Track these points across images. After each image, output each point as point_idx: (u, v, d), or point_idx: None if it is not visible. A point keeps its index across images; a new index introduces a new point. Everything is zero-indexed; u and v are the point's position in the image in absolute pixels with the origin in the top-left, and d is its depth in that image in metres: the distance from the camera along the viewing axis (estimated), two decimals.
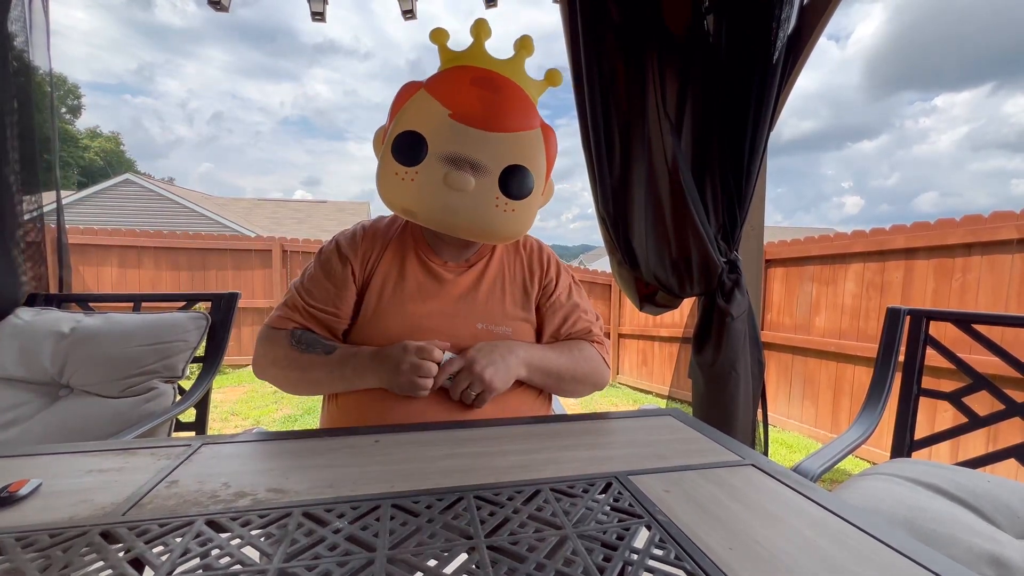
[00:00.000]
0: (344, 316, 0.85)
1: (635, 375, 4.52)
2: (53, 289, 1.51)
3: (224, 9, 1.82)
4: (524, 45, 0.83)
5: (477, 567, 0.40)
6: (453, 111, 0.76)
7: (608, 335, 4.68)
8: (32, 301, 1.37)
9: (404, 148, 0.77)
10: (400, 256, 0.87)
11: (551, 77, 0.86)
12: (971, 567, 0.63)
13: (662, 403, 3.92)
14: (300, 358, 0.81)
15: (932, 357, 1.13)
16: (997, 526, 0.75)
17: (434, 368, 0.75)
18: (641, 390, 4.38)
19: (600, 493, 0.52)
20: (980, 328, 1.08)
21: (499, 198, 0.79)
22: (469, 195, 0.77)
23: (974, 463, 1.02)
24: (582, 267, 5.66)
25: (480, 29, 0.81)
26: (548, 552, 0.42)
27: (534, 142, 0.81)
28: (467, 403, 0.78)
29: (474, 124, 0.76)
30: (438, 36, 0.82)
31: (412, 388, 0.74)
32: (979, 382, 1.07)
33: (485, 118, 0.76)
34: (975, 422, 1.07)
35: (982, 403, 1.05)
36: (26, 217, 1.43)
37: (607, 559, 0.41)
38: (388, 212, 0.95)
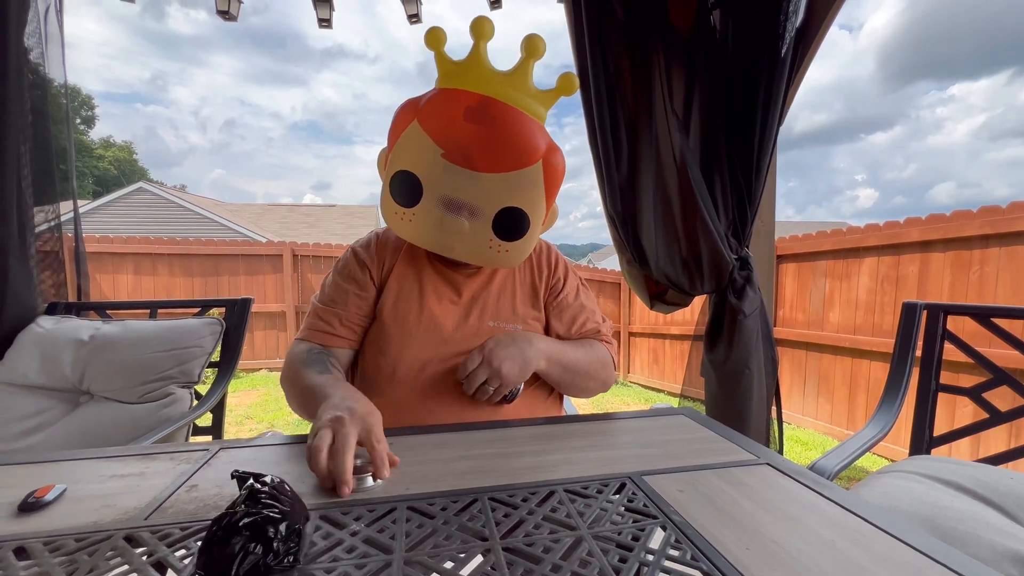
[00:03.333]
0: (367, 318, 0.88)
1: (646, 374, 4.50)
2: (72, 297, 1.54)
3: (232, 18, 1.85)
4: (530, 49, 0.74)
5: (493, 568, 0.40)
6: (445, 151, 0.73)
7: (618, 334, 4.69)
8: (52, 310, 1.40)
9: (401, 189, 0.78)
10: (414, 261, 0.90)
11: (564, 85, 0.78)
12: (994, 566, 0.62)
13: (674, 402, 3.89)
14: (297, 372, 0.77)
15: (950, 352, 1.11)
16: (1020, 524, 0.73)
17: (342, 451, 0.53)
18: (652, 389, 4.35)
19: (614, 493, 0.52)
20: (999, 322, 1.06)
21: (492, 240, 0.78)
22: (464, 236, 0.78)
23: (996, 459, 1.00)
24: (591, 266, 5.64)
25: (481, 30, 0.74)
26: (563, 553, 0.42)
27: (532, 179, 0.76)
28: (483, 399, 0.78)
29: (466, 165, 0.73)
30: (434, 40, 0.75)
31: (309, 442, 0.56)
32: (999, 377, 1.05)
33: (478, 159, 0.73)
34: (996, 418, 1.05)
35: (1003, 398, 1.03)
36: (44, 227, 1.46)
37: (623, 560, 0.41)
38: None
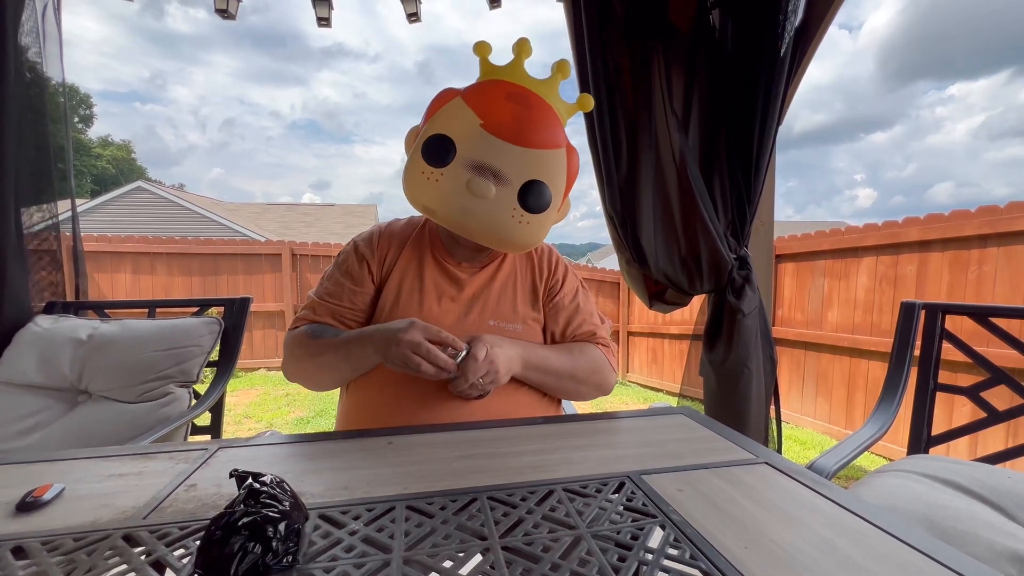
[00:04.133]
0: (361, 312, 0.88)
1: (645, 373, 4.50)
2: (70, 296, 1.54)
3: (231, 17, 1.84)
4: (561, 69, 0.85)
5: (492, 568, 0.40)
6: (485, 121, 0.78)
7: (617, 334, 4.69)
8: (50, 309, 1.40)
9: (434, 150, 0.80)
10: (417, 256, 0.90)
11: (582, 102, 0.88)
12: (993, 565, 0.62)
13: (673, 401, 3.90)
14: (312, 345, 0.83)
15: (948, 351, 1.11)
16: (1019, 523, 0.73)
17: (432, 350, 0.71)
18: (651, 388, 4.35)
19: (613, 493, 0.52)
20: (998, 321, 1.07)
21: (516, 209, 0.81)
22: (488, 202, 0.79)
23: (993, 459, 1.01)
24: (590, 265, 5.65)
25: (521, 48, 0.84)
26: (563, 552, 0.42)
27: (557, 161, 0.83)
28: (471, 392, 0.77)
29: (503, 136, 0.78)
30: (481, 49, 0.85)
31: (404, 361, 0.71)
32: (997, 376, 1.05)
33: (515, 132, 0.79)
34: (994, 417, 1.05)
35: (1001, 397, 1.03)
36: (42, 226, 1.46)
37: (622, 559, 0.41)
38: (399, 216, 0.98)
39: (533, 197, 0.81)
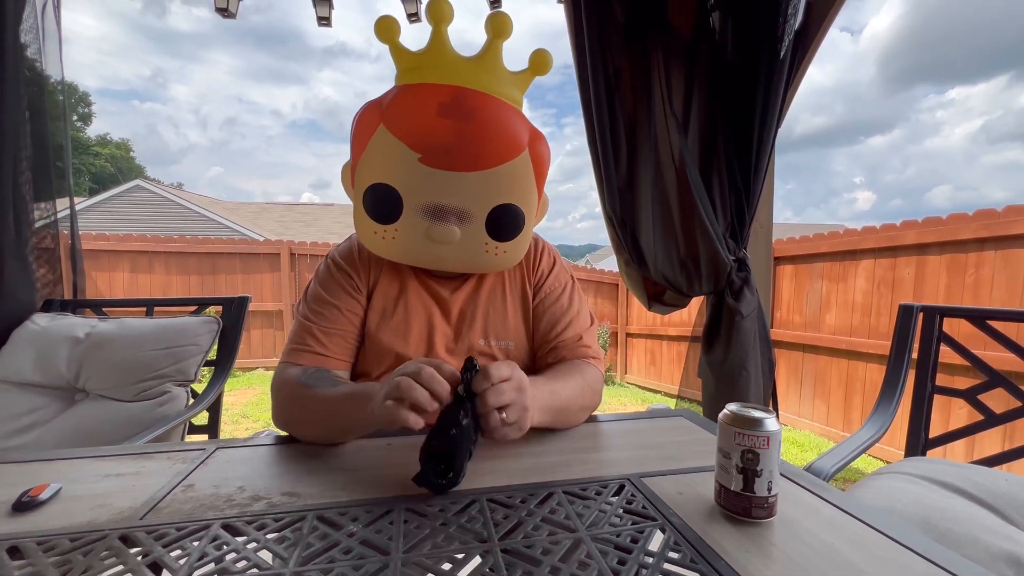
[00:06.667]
0: (360, 329, 0.78)
1: (643, 375, 4.50)
2: (67, 295, 1.53)
3: (231, 16, 1.84)
4: (496, 29, 0.66)
5: (491, 570, 0.40)
6: (423, 154, 0.65)
7: (615, 335, 4.69)
8: (48, 307, 1.39)
9: (377, 205, 0.69)
10: (397, 275, 0.80)
11: (536, 64, 0.70)
12: (990, 567, 0.62)
13: (671, 403, 3.90)
14: (304, 394, 0.66)
15: (946, 354, 1.11)
16: (1016, 525, 0.74)
17: (423, 397, 0.51)
18: (649, 390, 4.36)
19: (613, 495, 0.52)
20: (995, 324, 1.07)
21: (488, 243, 0.71)
22: (456, 244, 0.70)
23: (990, 461, 1.01)
24: (589, 267, 5.65)
25: (440, 12, 0.65)
26: (562, 555, 0.42)
27: (521, 170, 0.70)
28: (495, 430, 0.54)
29: (449, 167, 0.65)
30: (387, 31, 0.66)
31: (392, 414, 0.51)
32: (995, 379, 1.06)
33: (461, 157, 0.65)
34: (991, 420, 1.05)
35: (998, 400, 1.04)
36: (40, 224, 1.45)
37: (622, 562, 0.41)
38: None
39: (505, 226, 0.70)
